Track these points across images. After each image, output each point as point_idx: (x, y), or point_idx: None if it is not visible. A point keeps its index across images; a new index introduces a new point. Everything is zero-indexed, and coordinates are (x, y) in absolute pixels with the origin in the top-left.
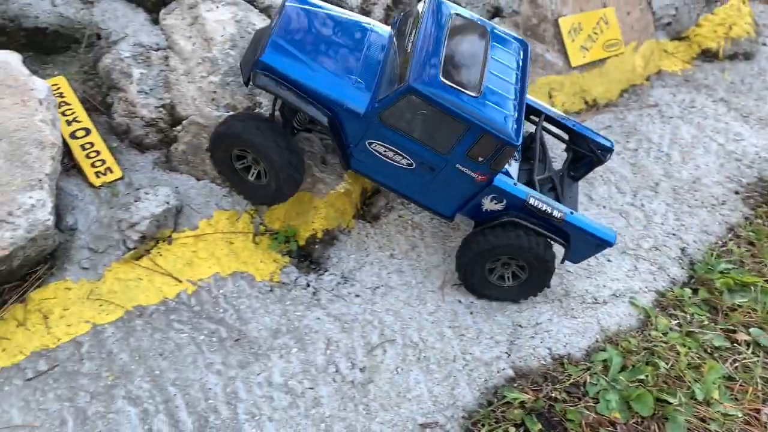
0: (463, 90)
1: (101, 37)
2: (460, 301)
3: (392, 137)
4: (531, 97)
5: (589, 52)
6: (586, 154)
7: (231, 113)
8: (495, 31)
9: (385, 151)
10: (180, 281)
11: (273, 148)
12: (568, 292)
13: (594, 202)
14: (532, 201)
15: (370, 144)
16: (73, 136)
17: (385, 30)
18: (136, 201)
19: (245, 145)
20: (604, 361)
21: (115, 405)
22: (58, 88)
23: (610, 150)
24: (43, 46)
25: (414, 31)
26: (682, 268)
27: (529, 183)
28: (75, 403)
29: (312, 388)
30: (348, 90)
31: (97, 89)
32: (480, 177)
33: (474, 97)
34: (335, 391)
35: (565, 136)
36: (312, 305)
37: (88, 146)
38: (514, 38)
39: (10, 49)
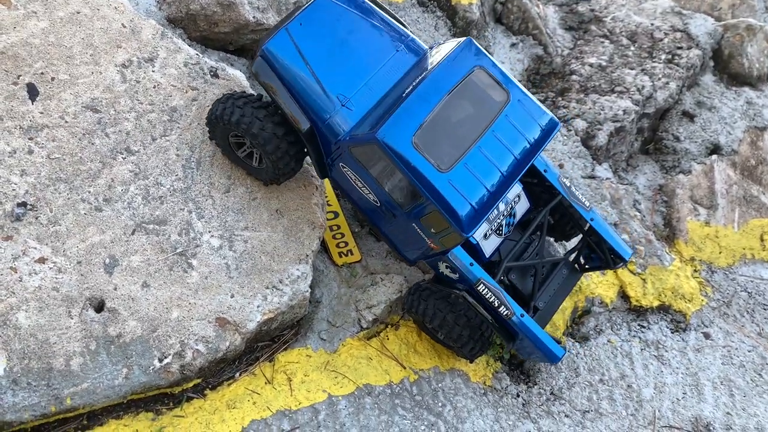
0: (430, 160)
1: None
2: None
3: (360, 172)
4: (556, 172)
5: None
6: (598, 254)
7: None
8: (520, 100)
9: (354, 179)
10: (404, 367)
11: (255, 123)
12: None
13: None
14: (480, 287)
15: (342, 167)
16: None
17: (419, 49)
18: (373, 285)
19: (233, 127)
20: None
21: None
22: None
23: (624, 261)
24: None
25: (425, 74)
26: None
27: (501, 262)
28: None
29: None
30: (335, 110)
31: None
32: (433, 245)
33: (439, 171)
34: None
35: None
36: (523, 416)
37: (335, 228)
38: (543, 114)
39: None
